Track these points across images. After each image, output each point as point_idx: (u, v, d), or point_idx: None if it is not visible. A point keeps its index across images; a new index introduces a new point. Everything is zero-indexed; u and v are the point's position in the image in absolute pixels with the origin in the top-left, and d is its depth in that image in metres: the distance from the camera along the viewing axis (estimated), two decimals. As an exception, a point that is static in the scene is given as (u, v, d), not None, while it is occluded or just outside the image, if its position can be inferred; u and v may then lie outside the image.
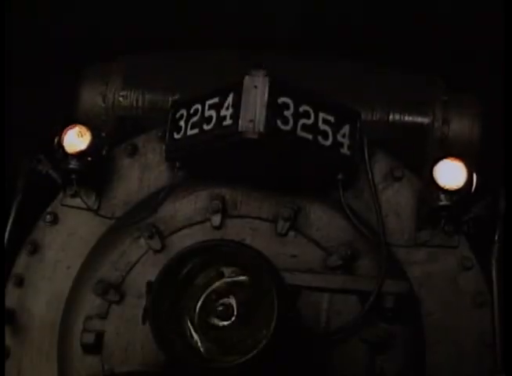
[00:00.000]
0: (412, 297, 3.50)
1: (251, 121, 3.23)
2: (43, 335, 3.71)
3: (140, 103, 4.13)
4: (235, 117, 3.27)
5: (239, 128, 3.23)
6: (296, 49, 4.56)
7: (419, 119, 3.98)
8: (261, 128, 3.20)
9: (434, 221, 3.55)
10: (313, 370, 3.30)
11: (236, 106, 3.28)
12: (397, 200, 3.70)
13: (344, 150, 3.53)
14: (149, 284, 2.98)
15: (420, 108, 3.99)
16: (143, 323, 2.95)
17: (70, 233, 3.87)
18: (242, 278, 2.98)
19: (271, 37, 4.97)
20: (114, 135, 4.10)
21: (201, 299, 2.97)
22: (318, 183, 3.66)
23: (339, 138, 3.51)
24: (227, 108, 3.35)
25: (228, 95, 3.36)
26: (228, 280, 2.99)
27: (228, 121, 3.32)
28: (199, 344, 2.88)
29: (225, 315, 2.91)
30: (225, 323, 2.90)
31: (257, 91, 3.26)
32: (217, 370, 2.80)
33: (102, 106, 4.21)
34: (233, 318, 2.90)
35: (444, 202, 3.45)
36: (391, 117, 3.99)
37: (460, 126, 4.04)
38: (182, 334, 2.88)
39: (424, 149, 4.00)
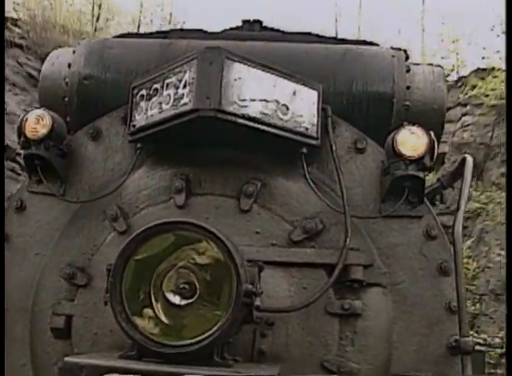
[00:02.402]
0: (379, 268, 3.50)
1: (208, 98, 3.21)
2: (16, 322, 3.72)
3: (102, 85, 4.10)
4: (191, 95, 3.25)
5: (196, 106, 3.22)
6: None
7: (381, 89, 3.95)
8: (217, 105, 3.19)
9: (398, 191, 3.53)
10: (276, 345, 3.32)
11: (192, 83, 3.27)
12: (360, 172, 3.69)
13: (306, 124, 3.51)
14: (108, 267, 2.97)
15: (382, 78, 3.96)
16: (105, 304, 2.94)
17: (37, 219, 3.86)
18: (202, 257, 2.96)
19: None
20: (78, 117, 4.08)
21: (164, 279, 2.96)
22: (281, 158, 3.64)
23: (300, 111, 3.49)
24: (184, 86, 3.33)
25: (184, 74, 3.34)
26: (189, 259, 2.98)
27: (185, 99, 3.30)
28: (160, 323, 2.87)
29: (187, 293, 2.91)
30: (187, 301, 2.89)
31: (212, 68, 3.24)
32: (177, 354, 2.79)
33: (65, 89, 4.19)
34: (195, 297, 2.89)
35: (406, 171, 3.44)
36: (353, 86, 3.96)
37: (423, 95, 4.03)
38: (142, 314, 2.87)
39: (389, 120, 3.97)
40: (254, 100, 3.32)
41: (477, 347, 3.84)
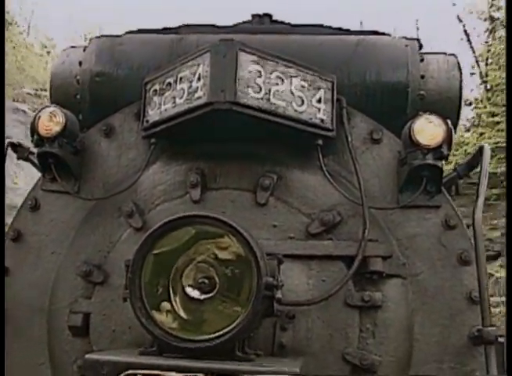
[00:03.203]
0: (398, 259, 3.47)
1: (222, 91, 3.18)
2: (32, 321, 3.70)
3: (114, 81, 4.08)
4: (205, 88, 3.23)
5: (210, 99, 3.19)
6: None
7: (395, 79, 3.91)
8: (232, 98, 3.16)
9: (415, 181, 3.50)
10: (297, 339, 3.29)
11: (206, 77, 3.24)
12: (377, 162, 3.66)
13: (321, 115, 3.48)
14: (127, 263, 2.95)
15: (396, 68, 3.93)
16: (124, 301, 2.92)
17: (51, 218, 3.84)
18: (224, 252, 2.94)
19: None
20: (91, 115, 4.07)
21: (183, 273, 2.94)
22: (297, 150, 3.61)
23: (314, 103, 3.46)
24: (198, 80, 3.31)
25: (198, 67, 3.32)
26: (209, 253, 2.95)
27: (199, 93, 3.27)
28: (178, 317, 2.85)
29: (207, 288, 2.88)
30: (206, 296, 2.87)
31: (226, 60, 3.21)
32: (198, 348, 2.76)
33: (77, 87, 4.17)
34: (215, 291, 2.87)
35: (423, 161, 3.40)
36: (367, 77, 3.92)
37: (438, 84, 3.99)
38: (159, 308, 2.85)
39: (405, 110, 3.94)
40: (268, 92, 3.29)
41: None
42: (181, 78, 3.41)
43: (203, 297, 2.87)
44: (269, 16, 4.61)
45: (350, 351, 3.32)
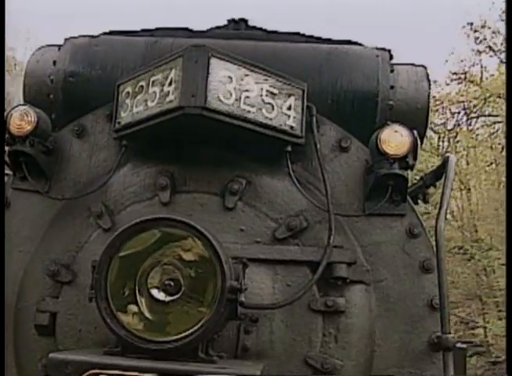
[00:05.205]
0: (362, 265, 3.54)
1: (193, 96, 3.22)
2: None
3: (87, 82, 4.10)
4: (177, 92, 3.27)
5: (181, 103, 3.23)
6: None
7: (365, 88, 3.98)
8: (203, 103, 3.20)
9: (381, 190, 3.56)
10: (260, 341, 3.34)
11: (178, 81, 3.28)
12: (344, 170, 3.72)
13: (290, 122, 3.53)
14: (93, 264, 2.98)
15: (366, 78, 3.99)
16: (90, 301, 2.95)
17: (21, 216, 3.84)
18: (188, 254, 2.98)
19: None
20: (63, 115, 4.08)
21: (149, 275, 2.97)
22: (266, 156, 3.66)
23: (284, 110, 3.51)
24: (169, 84, 3.34)
25: (170, 72, 3.35)
26: (174, 255, 2.99)
27: (170, 97, 3.31)
28: (144, 319, 2.89)
29: (172, 290, 2.92)
30: (172, 297, 2.91)
31: (197, 66, 3.25)
32: (162, 350, 2.80)
33: (50, 86, 4.18)
34: (180, 293, 2.91)
35: (389, 170, 3.48)
36: (338, 85, 3.98)
37: (407, 95, 4.07)
38: (126, 310, 2.89)
39: (374, 119, 4.00)
40: (238, 98, 3.33)
41: (459, 344, 3.86)
42: (153, 82, 3.44)
43: (168, 299, 2.92)
44: (245, 21, 4.65)
45: (312, 355, 3.38)
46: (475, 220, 19.94)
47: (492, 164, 20.93)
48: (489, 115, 21.79)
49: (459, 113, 22.36)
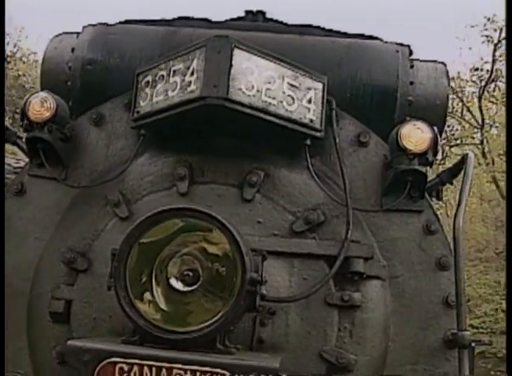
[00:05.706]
0: (378, 261, 3.53)
1: (215, 86, 3.21)
2: (13, 305, 3.70)
3: (105, 70, 4.09)
4: (199, 82, 3.25)
5: (203, 94, 3.21)
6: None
7: (385, 83, 3.96)
8: (225, 94, 3.19)
9: (399, 185, 3.55)
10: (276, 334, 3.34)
11: (200, 71, 3.26)
12: (363, 165, 3.71)
13: (310, 115, 3.52)
14: (113, 252, 2.97)
15: (386, 72, 3.98)
16: (108, 289, 2.94)
17: (37, 203, 3.84)
18: (213, 247, 2.97)
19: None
20: (80, 102, 4.07)
21: (168, 264, 2.97)
22: (285, 149, 3.65)
23: (304, 103, 3.50)
24: (191, 74, 3.33)
25: (192, 61, 3.34)
26: (196, 246, 2.99)
27: (192, 87, 3.30)
28: (159, 309, 2.89)
29: (190, 280, 2.91)
30: (189, 288, 2.90)
31: (220, 56, 3.24)
32: (181, 340, 2.80)
33: (68, 74, 4.17)
34: (198, 284, 2.90)
35: (409, 166, 3.46)
36: (358, 79, 3.97)
37: (426, 91, 4.05)
38: (142, 298, 2.88)
39: (392, 114, 3.99)
40: (260, 90, 3.32)
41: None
42: (174, 71, 3.43)
43: (185, 289, 2.91)
44: (263, 13, 4.63)
45: (327, 349, 3.38)
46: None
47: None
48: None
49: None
